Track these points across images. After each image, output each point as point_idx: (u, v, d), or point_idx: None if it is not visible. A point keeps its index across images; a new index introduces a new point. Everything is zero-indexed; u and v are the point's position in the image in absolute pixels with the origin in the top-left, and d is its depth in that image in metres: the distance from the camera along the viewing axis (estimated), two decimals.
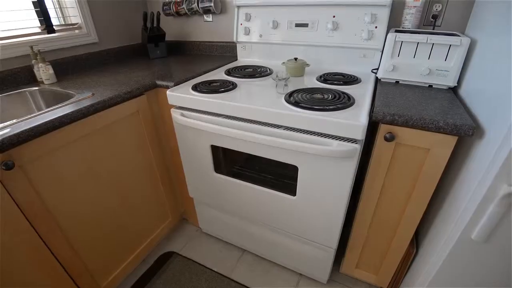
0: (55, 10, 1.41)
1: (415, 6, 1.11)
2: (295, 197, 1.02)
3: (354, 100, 0.91)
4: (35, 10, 1.31)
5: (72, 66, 1.41)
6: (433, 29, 1.15)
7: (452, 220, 0.78)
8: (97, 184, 1.02)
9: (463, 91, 0.94)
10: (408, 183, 0.88)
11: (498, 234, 0.68)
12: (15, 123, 0.80)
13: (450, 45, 0.93)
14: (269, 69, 1.30)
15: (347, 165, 0.85)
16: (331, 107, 0.85)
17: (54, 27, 1.35)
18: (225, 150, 1.15)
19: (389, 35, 0.99)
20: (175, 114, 1.08)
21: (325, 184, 0.93)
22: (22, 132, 0.76)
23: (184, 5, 1.56)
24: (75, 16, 1.44)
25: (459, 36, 0.94)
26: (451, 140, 0.76)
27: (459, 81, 0.97)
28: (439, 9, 1.13)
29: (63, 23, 1.44)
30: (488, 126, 0.70)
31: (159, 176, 1.32)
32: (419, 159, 0.83)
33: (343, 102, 0.89)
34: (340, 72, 1.23)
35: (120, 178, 1.12)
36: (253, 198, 1.14)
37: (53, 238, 0.90)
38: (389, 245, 1.05)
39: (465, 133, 0.72)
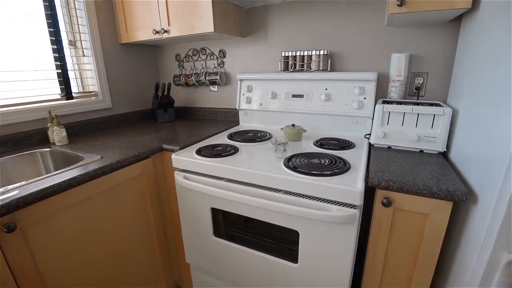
0: (76, 80, 1.57)
1: (398, 80, 1.24)
2: (297, 264, 0.98)
3: (350, 165, 0.95)
4: (58, 80, 1.46)
5: (84, 129, 1.50)
6: (418, 99, 1.27)
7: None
8: (92, 246, 1.00)
9: (453, 156, 0.98)
10: (411, 248, 0.86)
11: None
12: (24, 185, 0.83)
13: (434, 115, 1.02)
14: (269, 133, 1.38)
15: (348, 230, 0.85)
16: (328, 173, 0.89)
17: (72, 94, 1.50)
18: (225, 213, 1.15)
19: (377, 106, 1.09)
20: (178, 177, 1.11)
21: (327, 250, 0.90)
22: (29, 195, 0.78)
23: (192, 78, 1.75)
24: (93, 85, 1.60)
25: (441, 106, 1.03)
26: (447, 205, 0.77)
27: (448, 146, 1.02)
28: (420, 82, 1.26)
29: (82, 90, 1.59)
30: (480, 191, 0.72)
31: (155, 240, 1.29)
32: (419, 224, 0.83)
33: (340, 167, 0.93)
34: (335, 137, 1.30)
35: (116, 240, 1.09)
36: (253, 265, 1.09)
37: None
38: None
39: (459, 198, 0.74)
